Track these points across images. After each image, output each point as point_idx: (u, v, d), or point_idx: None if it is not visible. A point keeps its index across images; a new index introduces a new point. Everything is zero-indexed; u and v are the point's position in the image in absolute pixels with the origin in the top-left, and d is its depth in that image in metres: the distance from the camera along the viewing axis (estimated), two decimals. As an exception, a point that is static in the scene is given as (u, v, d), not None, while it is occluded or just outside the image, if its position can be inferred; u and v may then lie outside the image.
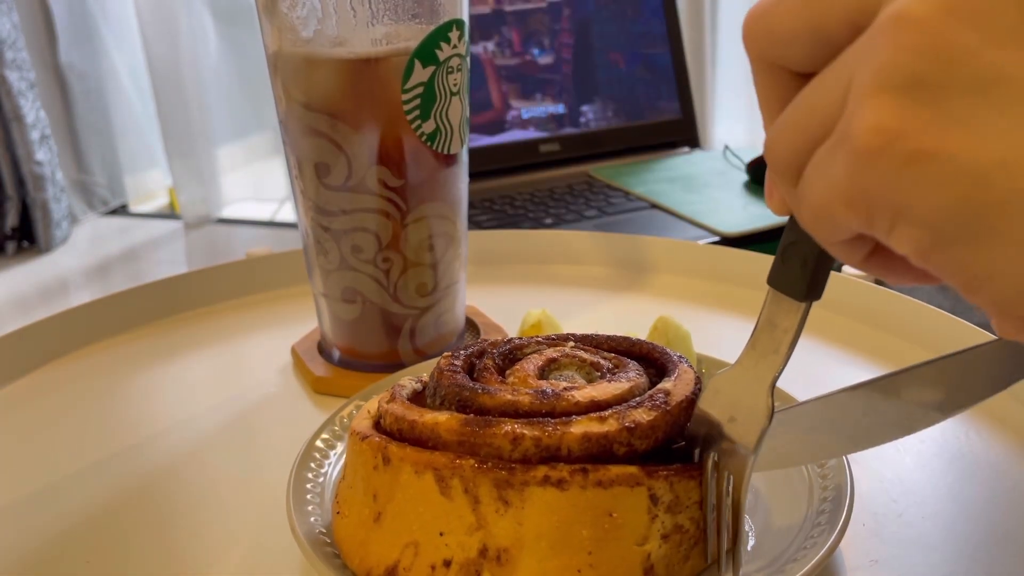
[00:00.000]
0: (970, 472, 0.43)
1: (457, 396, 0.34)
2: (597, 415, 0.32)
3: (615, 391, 0.34)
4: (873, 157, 0.20)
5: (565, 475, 0.31)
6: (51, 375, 0.59)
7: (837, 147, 0.21)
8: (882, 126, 0.20)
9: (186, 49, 2.55)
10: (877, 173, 0.20)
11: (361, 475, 0.34)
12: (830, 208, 0.22)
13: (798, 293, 0.28)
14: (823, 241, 0.24)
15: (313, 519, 0.37)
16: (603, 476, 0.31)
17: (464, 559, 0.31)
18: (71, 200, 2.71)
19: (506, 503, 0.31)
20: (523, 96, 1.25)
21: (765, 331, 0.30)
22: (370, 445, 0.34)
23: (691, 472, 0.33)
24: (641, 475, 0.32)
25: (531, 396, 0.33)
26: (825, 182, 0.22)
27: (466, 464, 0.31)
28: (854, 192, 0.21)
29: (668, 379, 0.36)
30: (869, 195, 0.21)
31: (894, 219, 0.20)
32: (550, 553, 0.31)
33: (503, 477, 0.31)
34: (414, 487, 0.32)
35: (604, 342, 0.40)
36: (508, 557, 0.31)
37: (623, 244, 0.73)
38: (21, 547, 0.41)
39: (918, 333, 0.56)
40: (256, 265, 0.70)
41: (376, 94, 0.47)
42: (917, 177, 0.19)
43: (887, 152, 0.20)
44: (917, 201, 0.20)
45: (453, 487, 0.31)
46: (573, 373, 0.37)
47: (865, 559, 0.37)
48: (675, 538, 0.32)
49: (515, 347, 0.39)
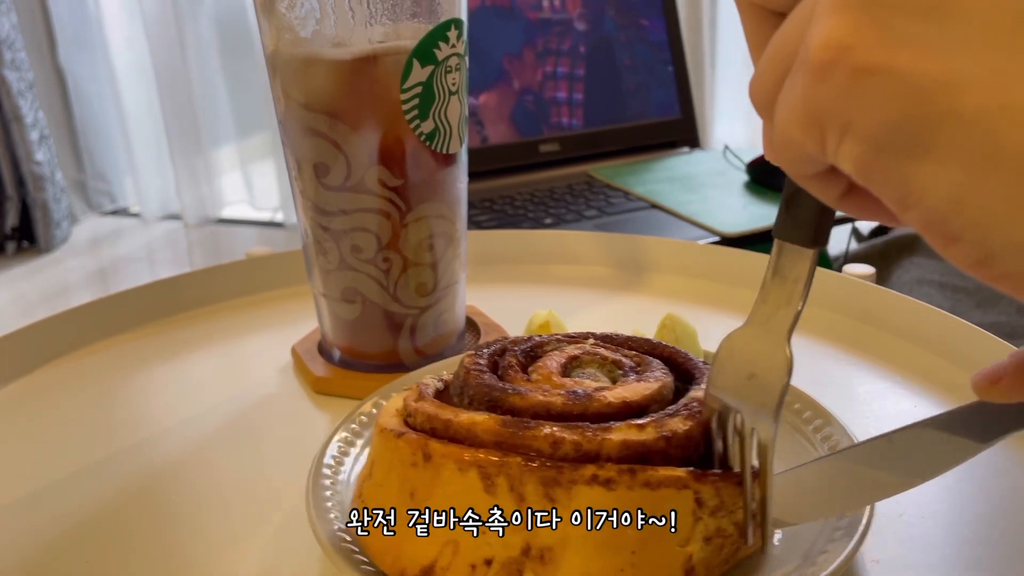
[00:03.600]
0: (970, 472, 0.43)
1: (487, 396, 0.34)
2: (636, 423, 0.32)
3: (645, 391, 0.34)
4: (824, 72, 0.21)
5: (613, 475, 0.30)
6: (51, 375, 0.59)
7: (797, 70, 0.22)
8: (833, 41, 0.20)
9: (186, 49, 2.56)
10: (827, 88, 0.21)
11: (397, 472, 0.33)
12: (790, 131, 0.22)
13: (806, 240, 0.28)
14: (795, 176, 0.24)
15: (336, 527, 0.36)
16: (651, 477, 0.31)
17: (506, 558, 0.31)
18: (71, 200, 2.71)
19: (552, 501, 0.30)
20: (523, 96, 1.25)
21: (775, 284, 0.30)
22: (408, 442, 0.33)
23: (736, 478, 0.32)
24: (689, 479, 0.31)
25: (563, 397, 0.33)
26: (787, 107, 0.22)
27: (513, 461, 0.31)
28: (808, 111, 0.22)
29: (698, 386, 0.35)
30: (820, 112, 0.21)
31: (840, 135, 0.21)
32: (594, 552, 0.31)
33: (551, 475, 0.30)
34: (457, 483, 0.31)
35: (624, 342, 0.40)
36: (552, 556, 0.31)
37: (623, 244, 0.73)
38: (21, 547, 0.41)
39: (918, 333, 0.56)
40: (256, 265, 0.70)
41: (375, 94, 0.47)
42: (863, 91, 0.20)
43: (836, 66, 0.20)
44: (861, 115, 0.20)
45: (499, 485, 0.31)
46: (595, 371, 0.37)
47: (865, 559, 0.37)
48: (717, 541, 0.32)
49: (536, 344, 0.38)
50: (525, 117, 1.25)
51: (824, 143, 0.22)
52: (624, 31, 1.31)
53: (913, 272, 1.17)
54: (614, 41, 1.30)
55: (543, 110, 1.26)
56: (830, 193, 0.24)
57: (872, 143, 0.21)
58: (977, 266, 0.21)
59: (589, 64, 1.29)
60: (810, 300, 0.65)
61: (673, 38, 1.32)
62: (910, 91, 0.20)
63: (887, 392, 0.52)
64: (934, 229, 0.21)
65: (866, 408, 0.50)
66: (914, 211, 0.21)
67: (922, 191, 0.20)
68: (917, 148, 0.20)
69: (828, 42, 0.20)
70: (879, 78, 0.20)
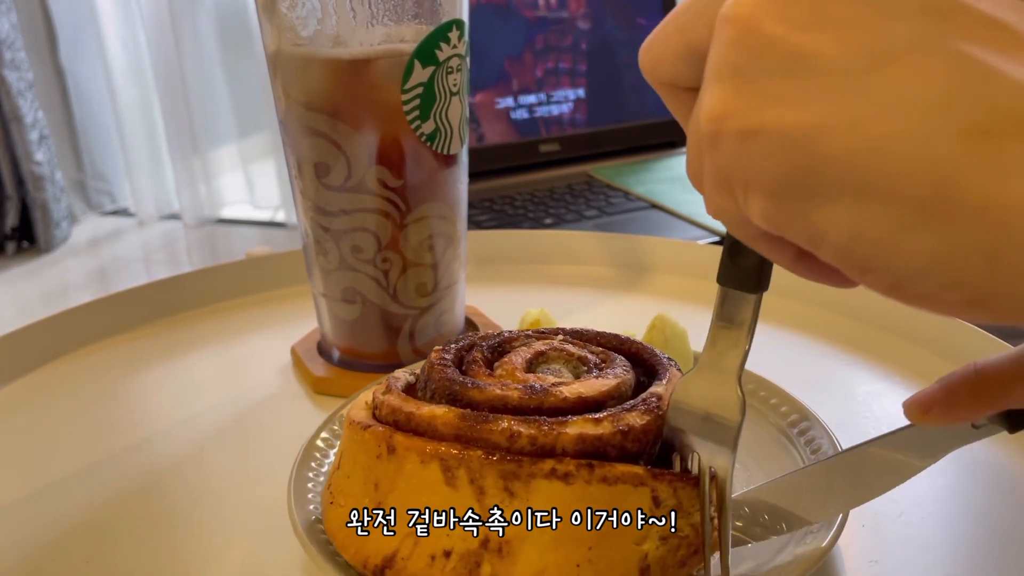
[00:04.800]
0: (970, 472, 0.43)
1: (447, 390, 0.34)
2: (592, 417, 0.32)
3: (602, 387, 0.34)
4: (714, 141, 0.23)
5: (571, 469, 0.31)
6: (51, 375, 0.59)
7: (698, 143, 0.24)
8: (712, 113, 0.22)
9: (186, 48, 2.55)
10: (721, 154, 0.23)
11: (362, 464, 0.34)
12: (710, 196, 0.24)
13: (749, 286, 0.30)
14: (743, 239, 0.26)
15: (314, 517, 0.37)
16: (608, 473, 0.31)
17: (465, 549, 0.31)
18: (71, 200, 2.71)
19: (511, 494, 0.31)
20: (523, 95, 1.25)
21: (722, 328, 0.31)
22: (373, 434, 0.34)
23: (694, 480, 0.33)
24: (646, 476, 0.32)
25: (520, 391, 0.33)
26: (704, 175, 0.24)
27: (474, 455, 0.31)
28: (715, 176, 0.24)
29: (659, 383, 0.36)
30: (724, 175, 0.23)
31: (744, 192, 0.23)
32: (552, 545, 0.31)
33: (510, 469, 0.31)
34: (419, 476, 0.32)
35: (594, 337, 0.40)
36: (510, 549, 0.31)
37: (623, 244, 0.73)
38: (21, 547, 0.41)
39: (918, 333, 0.56)
40: (256, 265, 0.70)
41: (376, 94, 0.47)
42: (748, 151, 0.22)
43: (721, 134, 0.22)
44: (753, 172, 0.22)
45: (459, 477, 0.31)
46: (560, 367, 0.37)
47: (865, 559, 0.37)
48: (673, 542, 0.32)
49: (504, 340, 0.39)
50: (525, 117, 1.25)
51: (735, 201, 0.24)
52: (624, 30, 1.31)
53: (913, 272, 1.17)
54: (614, 40, 1.30)
55: (543, 110, 1.26)
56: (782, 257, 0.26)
57: (770, 195, 0.22)
58: (892, 291, 0.22)
59: (589, 64, 1.29)
60: (810, 300, 0.66)
61: (673, 38, 1.32)
62: (786, 143, 0.21)
63: (887, 392, 0.52)
64: (847, 262, 0.22)
65: (865, 408, 0.50)
66: (824, 249, 0.22)
67: (824, 230, 0.21)
68: (807, 192, 0.21)
69: (710, 114, 0.22)
70: (758, 137, 0.22)
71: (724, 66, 0.22)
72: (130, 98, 2.72)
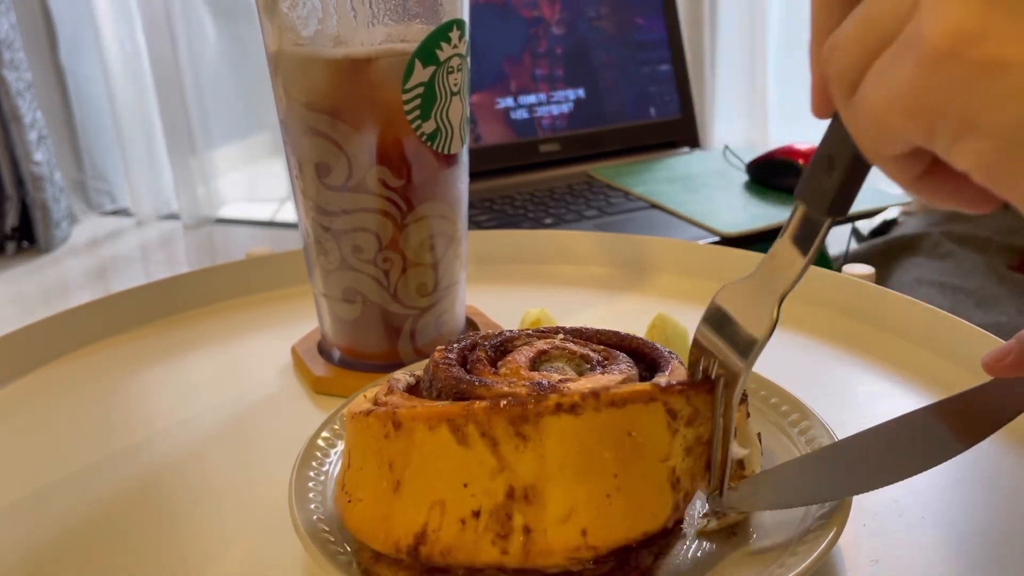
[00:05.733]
0: (970, 472, 0.43)
1: (454, 388, 0.34)
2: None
3: (609, 383, 0.34)
4: (944, 61, 0.19)
5: (577, 399, 0.31)
6: (51, 375, 0.59)
7: (903, 51, 0.20)
8: (960, 29, 0.19)
9: (186, 49, 2.55)
10: (946, 79, 0.19)
11: (372, 449, 0.34)
12: (887, 116, 0.21)
13: (822, 207, 0.28)
14: (873, 155, 0.23)
15: (316, 516, 0.37)
16: (615, 396, 0.31)
17: (493, 505, 0.31)
18: (71, 200, 2.71)
19: (524, 438, 0.31)
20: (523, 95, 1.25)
21: (785, 244, 0.30)
22: (377, 416, 0.33)
23: (707, 386, 0.33)
24: (655, 391, 0.32)
25: (527, 388, 0.33)
26: (886, 90, 0.21)
27: (478, 407, 0.31)
28: (917, 99, 0.20)
29: (662, 373, 0.36)
30: (934, 103, 0.20)
31: (959, 130, 0.20)
32: (575, 481, 0.31)
33: (517, 412, 0.31)
34: (430, 443, 0.32)
35: (593, 335, 0.40)
36: (535, 493, 0.31)
37: (623, 244, 0.73)
38: (21, 547, 0.41)
39: (918, 333, 0.56)
40: (256, 265, 0.70)
41: (376, 94, 0.47)
42: (990, 86, 0.19)
43: (961, 57, 0.19)
44: (987, 112, 0.19)
45: (469, 434, 0.31)
46: (563, 365, 0.37)
47: (865, 559, 0.37)
48: (697, 449, 0.32)
49: (506, 339, 0.39)
50: (525, 117, 1.25)
51: (933, 135, 0.20)
52: (624, 31, 1.31)
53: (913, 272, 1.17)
54: (614, 41, 1.30)
55: (543, 110, 1.26)
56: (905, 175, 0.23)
57: (999, 142, 0.19)
58: None
59: (589, 64, 1.29)
60: (810, 300, 0.65)
61: (673, 38, 1.32)
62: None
63: (887, 392, 0.52)
64: None
65: (866, 408, 0.50)
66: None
67: None
68: None
69: (950, 29, 0.19)
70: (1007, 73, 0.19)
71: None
72: (129, 98, 2.72)
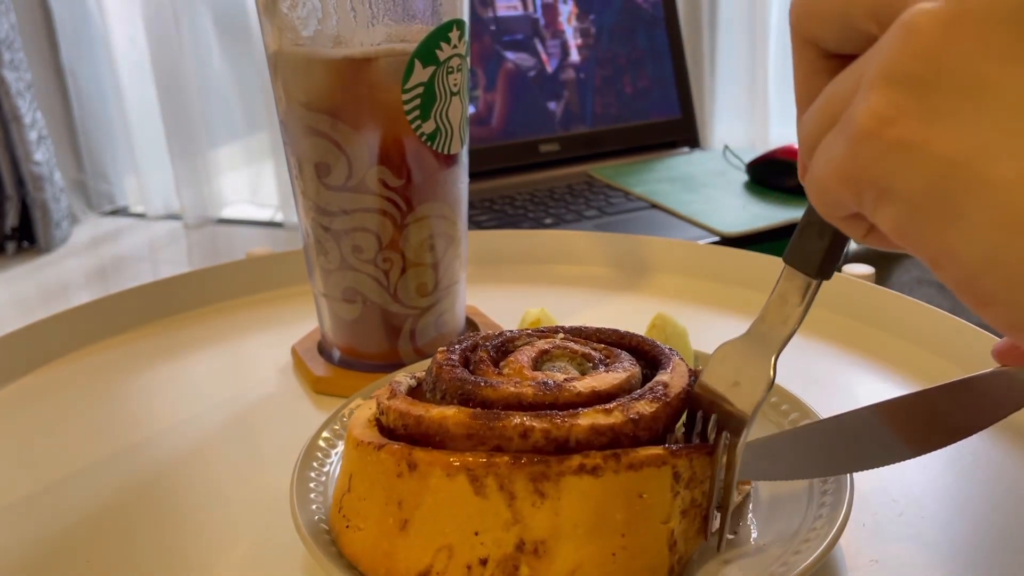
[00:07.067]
0: (970, 472, 0.43)
1: (459, 390, 0.34)
2: (603, 408, 0.33)
3: (614, 381, 0.35)
4: (866, 139, 0.23)
5: (599, 462, 0.31)
6: (51, 375, 0.59)
7: (841, 129, 0.24)
8: (879, 112, 0.22)
9: (187, 49, 2.55)
10: (867, 154, 0.23)
11: (382, 484, 0.33)
12: (828, 183, 0.24)
13: (811, 271, 0.30)
14: (825, 216, 0.26)
15: (317, 517, 0.37)
16: (634, 459, 0.32)
17: (501, 555, 0.31)
18: (71, 200, 2.71)
19: (542, 495, 0.31)
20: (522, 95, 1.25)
21: (776, 305, 0.32)
22: (391, 453, 0.33)
23: (707, 448, 0.34)
24: (666, 455, 0.32)
25: (534, 388, 0.33)
26: (825, 161, 0.24)
27: (501, 461, 0.31)
28: (847, 170, 0.24)
29: (664, 371, 0.36)
30: (859, 173, 0.23)
31: (878, 198, 0.23)
32: (586, 539, 0.31)
33: (539, 470, 0.31)
34: (446, 490, 0.32)
35: (593, 334, 0.40)
36: (545, 548, 0.31)
37: (623, 244, 0.73)
38: (21, 547, 0.41)
39: (918, 333, 0.56)
40: (256, 265, 0.70)
41: (376, 94, 0.47)
42: (899, 160, 0.22)
43: (879, 136, 0.22)
44: (897, 182, 0.22)
45: (488, 485, 0.31)
46: (565, 364, 0.37)
47: (865, 559, 0.37)
48: (691, 512, 0.33)
49: (507, 340, 0.39)
50: (525, 117, 1.25)
51: (860, 200, 0.24)
52: (624, 31, 1.31)
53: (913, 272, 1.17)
54: (614, 41, 1.30)
55: (543, 110, 1.26)
56: (855, 233, 0.26)
57: (907, 207, 0.22)
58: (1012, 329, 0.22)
59: (589, 64, 1.29)
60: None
61: (673, 38, 1.32)
62: (940, 162, 0.21)
63: (887, 392, 0.51)
64: (967, 289, 0.22)
65: (866, 408, 0.50)
66: (947, 271, 0.22)
67: (954, 252, 0.22)
68: (949, 213, 0.22)
69: (876, 113, 0.22)
70: (916, 150, 0.22)
71: (902, 73, 0.22)
72: (130, 97, 2.73)
